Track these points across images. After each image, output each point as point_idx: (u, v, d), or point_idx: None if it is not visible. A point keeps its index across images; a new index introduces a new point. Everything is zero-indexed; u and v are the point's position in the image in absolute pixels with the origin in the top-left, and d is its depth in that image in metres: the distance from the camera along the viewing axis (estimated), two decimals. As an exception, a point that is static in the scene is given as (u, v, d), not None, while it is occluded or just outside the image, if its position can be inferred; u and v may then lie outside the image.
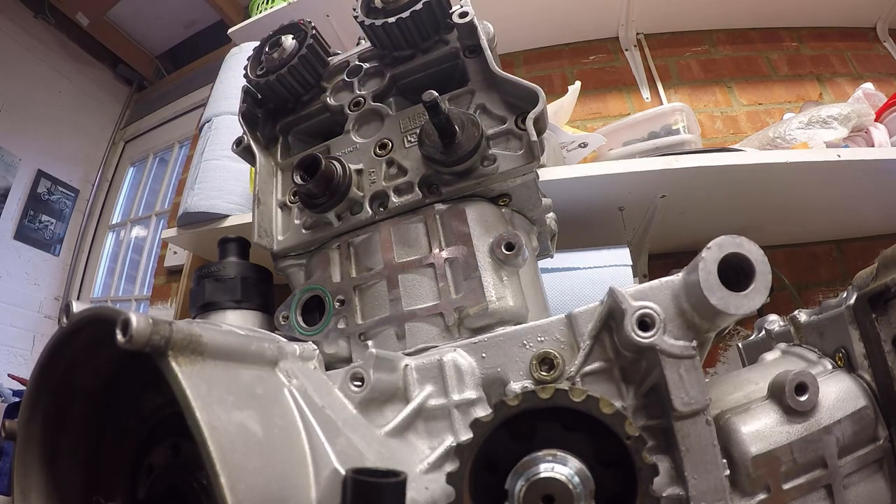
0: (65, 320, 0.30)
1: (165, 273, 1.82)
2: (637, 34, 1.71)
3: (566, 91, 1.27)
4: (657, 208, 1.10)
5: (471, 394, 0.39)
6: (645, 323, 0.34)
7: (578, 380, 0.37)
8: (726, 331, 1.19)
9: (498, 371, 0.40)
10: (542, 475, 0.31)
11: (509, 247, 0.46)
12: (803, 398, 0.38)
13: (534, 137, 0.47)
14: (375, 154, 0.54)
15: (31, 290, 2.73)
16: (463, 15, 0.54)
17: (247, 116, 0.61)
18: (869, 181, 1.10)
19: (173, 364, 0.25)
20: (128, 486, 0.36)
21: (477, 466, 0.34)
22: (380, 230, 0.51)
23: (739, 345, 0.64)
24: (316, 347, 0.39)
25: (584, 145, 1.17)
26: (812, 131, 1.15)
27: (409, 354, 0.43)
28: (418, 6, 0.53)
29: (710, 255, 0.32)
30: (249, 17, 1.78)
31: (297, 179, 0.50)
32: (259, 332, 0.34)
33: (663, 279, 0.36)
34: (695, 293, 0.33)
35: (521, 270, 0.48)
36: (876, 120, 1.20)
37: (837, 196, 1.15)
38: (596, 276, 0.91)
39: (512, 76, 0.50)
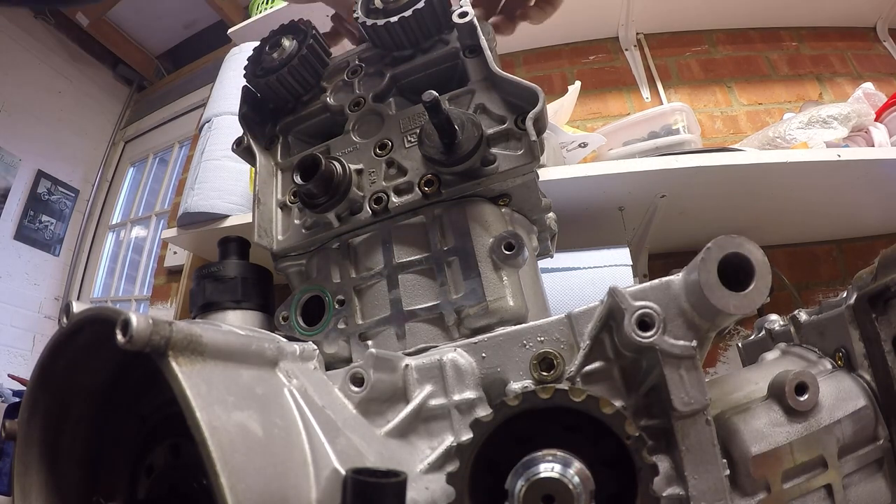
0: (65, 320, 0.30)
1: (165, 273, 1.82)
2: (637, 34, 1.72)
3: (566, 91, 1.27)
4: (657, 208, 1.10)
5: (471, 394, 0.39)
6: (645, 323, 0.34)
7: (578, 380, 0.37)
8: (726, 331, 1.20)
9: (498, 371, 0.40)
10: (542, 475, 0.30)
11: (509, 247, 0.46)
12: (803, 398, 0.38)
13: (534, 137, 0.47)
14: (375, 154, 0.54)
15: (31, 291, 2.73)
16: (463, 15, 0.54)
17: (247, 117, 0.61)
18: (869, 181, 1.10)
19: (173, 364, 0.25)
20: (128, 486, 0.36)
21: (477, 466, 0.34)
22: (380, 230, 0.51)
23: (739, 345, 0.64)
24: (316, 347, 0.39)
25: (584, 145, 1.17)
26: (812, 131, 1.15)
27: (409, 354, 0.43)
28: (420, 4, 0.53)
29: (710, 255, 0.32)
30: (249, 17, 1.78)
31: (297, 180, 0.50)
32: (259, 332, 0.34)
33: (663, 279, 0.36)
34: (695, 293, 0.33)
35: (521, 270, 0.48)
36: (876, 120, 1.20)
37: (837, 196, 1.15)
38: (596, 276, 0.91)
39: (512, 76, 0.50)
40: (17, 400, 1.87)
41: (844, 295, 0.43)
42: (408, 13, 0.53)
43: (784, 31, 1.72)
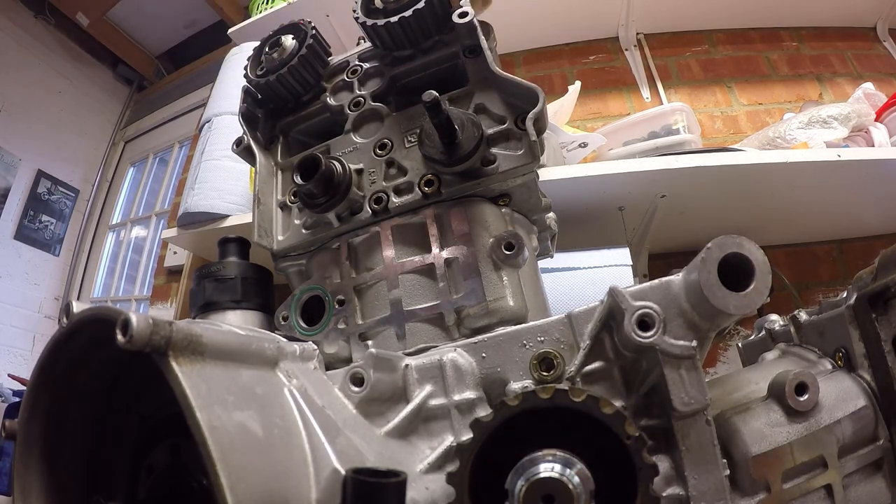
0: (65, 320, 0.30)
1: (165, 273, 1.82)
2: (637, 34, 1.71)
3: (566, 91, 1.27)
4: (657, 208, 1.10)
5: (471, 394, 0.39)
6: (645, 323, 0.34)
7: (578, 380, 0.37)
8: (726, 331, 1.19)
9: (498, 371, 0.40)
10: (542, 475, 0.30)
11: (509, 247, 0.46)
12: (803, 398, 0.38)
13: (534, 137, 0.47)
14: (375, 154, 0.54)
15: (31, 290, 2.73)
16: (463, 15, 0.54)
17: (247, 116, 0.61)
18: (869, 181, 1.10)
19: (173, 364, 0.25)
20: (128, 486, 0.36)
21: (477, 466, 0.34)
22: (380, 230, 0.51)
23: (739, 345, 0.64)
24: (316, 347, 0.39)
25: (584, 145, 1.17)
26: (812, 131, 1.15)
27: (409, 354, 0.43)
28: (420, 4, 0.53)
29: (710, 255, 0.32)
30: (249, 17, 1.78)
31: (297, 179, 0.50)
32: (259, 332, 0.34)
33: (663, 279, 0.36)
34: (695, 293, 0.33)
35: (521, 270, 0.48)
36: (876, 120, 1.20)
37: (837, 196, 1.15)
38: (596, 276, 0.91)
39: (512, 76, 0.50)
40: (17, 400, 1.88)
41: (844, 295, 0.43)
42: (408, 13, 0.53)
43: (784, 31, 1.72)
